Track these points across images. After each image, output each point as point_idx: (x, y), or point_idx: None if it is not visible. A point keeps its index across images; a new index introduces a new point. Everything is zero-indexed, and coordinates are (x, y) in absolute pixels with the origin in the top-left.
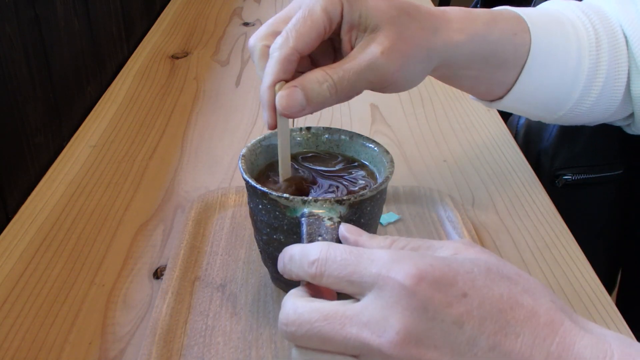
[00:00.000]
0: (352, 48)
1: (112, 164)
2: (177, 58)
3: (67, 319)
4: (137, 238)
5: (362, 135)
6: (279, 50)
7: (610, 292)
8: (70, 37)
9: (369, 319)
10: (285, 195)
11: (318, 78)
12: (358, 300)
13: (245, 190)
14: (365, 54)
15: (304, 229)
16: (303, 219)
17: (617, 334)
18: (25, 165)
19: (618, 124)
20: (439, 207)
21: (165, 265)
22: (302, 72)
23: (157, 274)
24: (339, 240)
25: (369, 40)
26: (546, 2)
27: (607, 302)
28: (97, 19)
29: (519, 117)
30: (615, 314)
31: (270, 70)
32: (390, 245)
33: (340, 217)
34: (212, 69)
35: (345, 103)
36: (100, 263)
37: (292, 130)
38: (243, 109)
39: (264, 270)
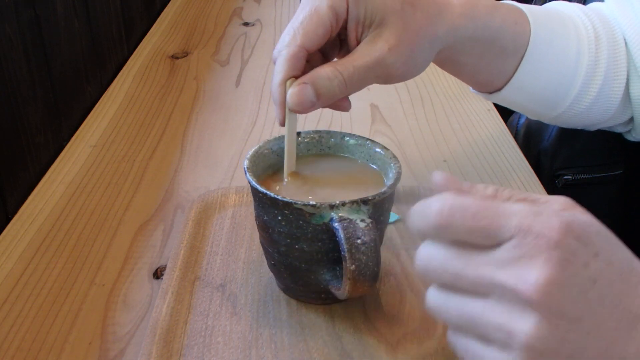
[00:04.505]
0: (358, 42)
1: (112, 164)
2: (177, 58)
3: (67, 319)
4: (137, 238)
5: (367, 139)
6: (286, 48)
7: None
8: (70, 37)
9: (506, 263)
10: (312, 202)
11: (328, 74)
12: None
13: (245, 190)
14: (373, 50)
15: (341, 233)
16: (336, 224)
17: None
18: (25, 165)
19: (618, 129)
20: None
21: (165, 265)
22: (315, 66)
23: (157, 274)
24: (376, 241)
25: (375, 36)
26: (549, 2)
27: None
28: (97, 19)
29: (519, 117)
30: None
31: (280, 68)
32: (494, 194)
33: (369, 216)
34: (212, 69)
35: None
36: (100, 263)
37: (298, 134)
38: (243, 109)
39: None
